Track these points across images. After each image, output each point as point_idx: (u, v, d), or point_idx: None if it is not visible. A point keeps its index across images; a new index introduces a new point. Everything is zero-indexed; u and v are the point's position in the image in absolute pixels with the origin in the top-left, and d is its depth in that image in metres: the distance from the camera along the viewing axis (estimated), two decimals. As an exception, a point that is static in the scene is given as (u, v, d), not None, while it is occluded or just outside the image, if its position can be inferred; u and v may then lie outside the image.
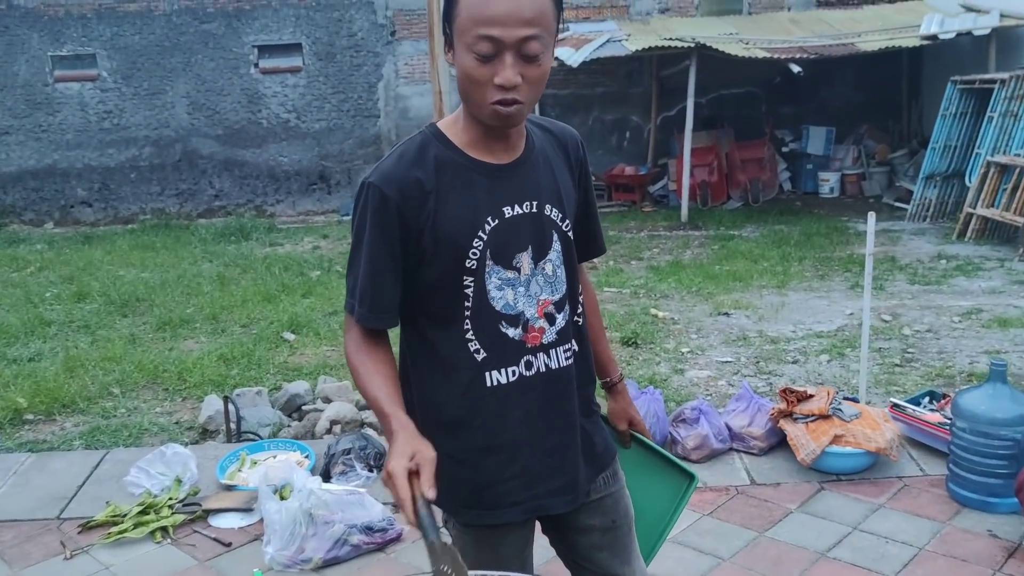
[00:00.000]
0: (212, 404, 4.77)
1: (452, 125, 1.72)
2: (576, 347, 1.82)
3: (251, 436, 4.38)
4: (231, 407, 4.37)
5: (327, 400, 4.84)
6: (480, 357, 1.71)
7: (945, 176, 9.98)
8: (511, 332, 1.72)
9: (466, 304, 1.69)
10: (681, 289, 7.40)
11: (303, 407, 4.87)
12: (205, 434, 4.74)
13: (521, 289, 1.72)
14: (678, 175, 11.04)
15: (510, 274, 1.71)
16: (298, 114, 12.48)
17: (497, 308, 1.70)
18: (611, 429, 2.05)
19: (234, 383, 5.41)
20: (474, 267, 1.68)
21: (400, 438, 1.54)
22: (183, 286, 8.13)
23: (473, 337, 1.71)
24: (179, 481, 3.65)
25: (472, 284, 1.68)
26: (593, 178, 8.80)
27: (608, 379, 2.06)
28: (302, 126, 12.52)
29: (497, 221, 1.69)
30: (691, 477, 2.04)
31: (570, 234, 1.80)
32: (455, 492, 1.75)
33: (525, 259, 1.72)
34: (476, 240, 1.67)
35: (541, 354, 1.75)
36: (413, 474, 1.49)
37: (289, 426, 4.66)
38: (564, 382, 1.79)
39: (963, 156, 9.85)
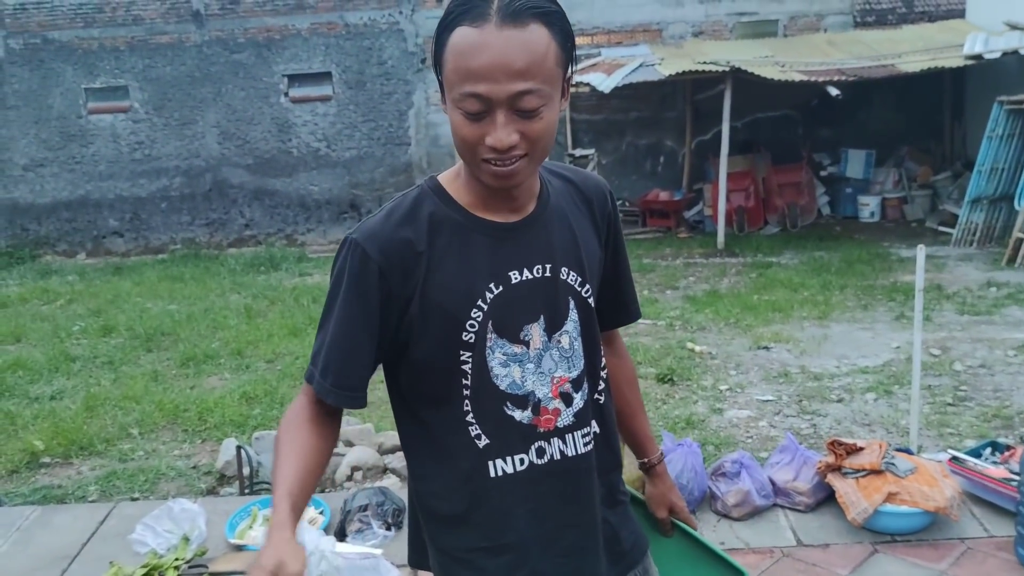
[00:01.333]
0: (230, 448, 4.61)
1: (454, 180, 1.51)
2: (597, 429, 1.59)
3: (267, 486, 4.19)
4: (245, 455, 4.19)
5: (349, 443, 4.65)
6: (482, 444, 1.49)
7: (992, 200, 9.63)
8: (518, 415, 1.49)
9: (464, 383, 1.47)
10: (719, 321, 7.14)
11: (324, 452, 4.69)
12: (223, 479, 4.58)
13: (531, 366, 1.50)
14: (714, 200, 10.79)
15: (517, 349, 1.49)
16: (328, 143, 12.42)
17: (502, 388, 1.48)
18: (649, 516, 1.81)
19: (255, 424, 5.26)
20: (472, 341, 1.46)
21: (270, 541, 1.31)
22: (209, 319, 8.03)
23: (474, 420, 1.48)
24: (186, 539, 3.46)
25: (471, 360, 1.47)
26: (627, 204, 8.50)
27: (646, 460, 1.82)
28: (332, 154, 12.45)
29: (501, 288, 1.47)
30: (740, 574, 1.78)
31: (591, 301, 1.57)
32: None
33: (536, 331, 1.50)
34: (475, 311, 1.45)
35: (556, 440, 1.52)
36: None
37: (309, 472, 4.48)
38: (583, 472, 1.55)
39: (1011, 179, 9.50)
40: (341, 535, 3.50)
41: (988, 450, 3.74)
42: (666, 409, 5.19)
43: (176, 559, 3.36)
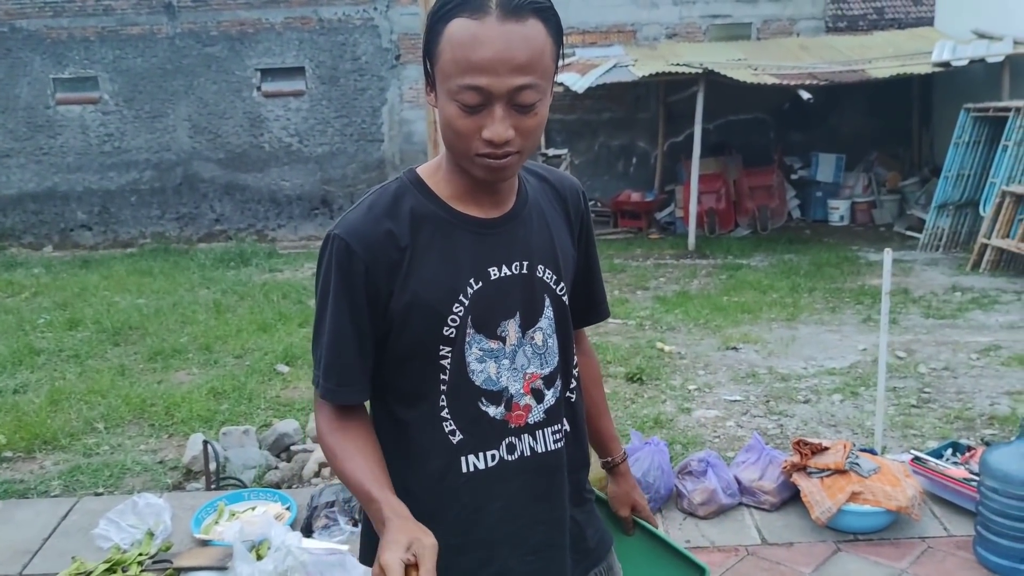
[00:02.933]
0: (197, 443, 4.57)
1: (434, 173, 1.50)
2: (568, 427, 1.59)
3: (233, 481, 4.16)
4: (212, 450, 4.15)
5: (316, 440, 4.63)
6: (456, 439, 1.48)
7: (958, 205, 9.76)
8: (492, 411, 1.49)
9: (442, 378, 1.47)
10: (688, 321, 7.18)
11: (291, 447, 4.66)
12: (189, 474, 4.54)
13: (505, 362, 1.50)
14: (685, 202, 10.85)
15: (494, 344, 1.48)
16: (300, 138, 12.34)
17: (477, 383, 1.48)
18: (612, 515, 1.82)
19: (223, 419, 5.21)
20: (452, 336, 1.45)
21: (393, 526, 1.30)
22: (178, 314, 7.94)
23: (449, 416, 1.48)
24: (151, 534, 3.43)
25: (450, 355, 1.46)
26: (599, 204, 8.54)
27: (610, 459, 1.82)
28: (304, 150, 12.37)
29: (481, 284, 1.46)
30: (701, 571, 1.79)
31: (565, 299, 1.57)
32: None
33: (512, 327, 1.50)
34: (456, 305, 1.45)
35: (526, 436, 1.52)
36: (411, 567, 1.25)
37: (276, 467, 4.45)
38: (552, 469, 1.55)
39: (976, 185, 9.64)
40: (307, 531, 3.48)
41: (949, 451, 3.79)
42: (634, 408, 5.22)
43: (140, 554, 3.32)
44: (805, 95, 9.75)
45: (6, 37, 12.00)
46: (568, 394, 1.60)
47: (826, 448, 3.57)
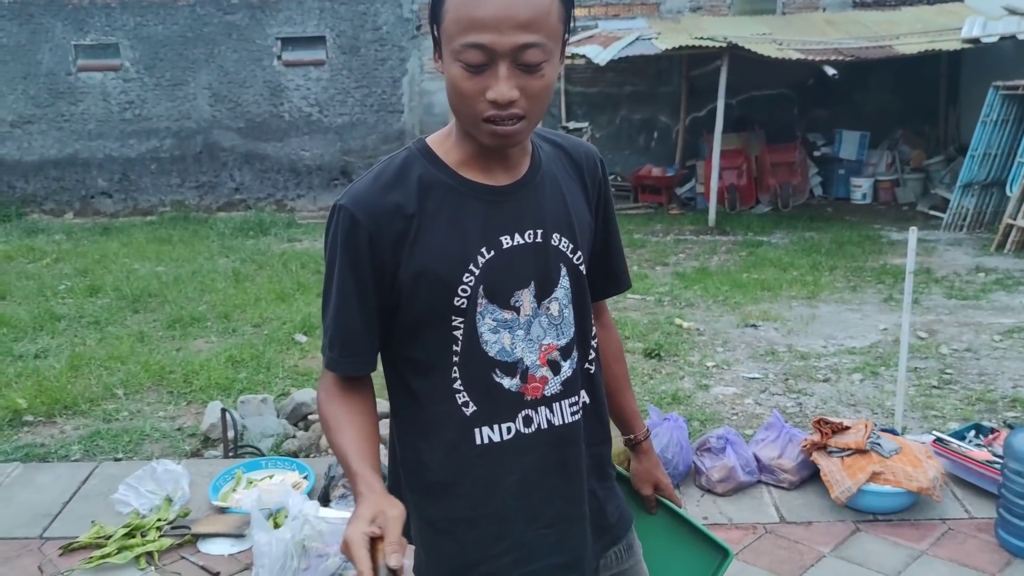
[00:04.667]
0: (215, 411, 4.58)
1: (443, 141, 1.47)
2: (587, 399, 1.56)
3: (251, 449, 4.18)
4: (230, 418, 4.16)
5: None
6: (469, 411, 1.46)
7: (984, 185, 9.62)
8: (507, 382, 1.47)
9: (454, 349, 1.45)
10: (707, 298, 7.14)
11: (309, 416, 4.67)
12: (207, 442, 4.56)
13: (520, 332, 1.47)
14: (706, 178, 10.76)
15: (507, 315, 1.46)
16: (320, 108, 12.29)
17: (491, 354, 1.45)
18: (634, 493, 1.79)
19: (241, 388, 5.23)
20: (464, 306, 1.43)
21: (362, 501, 1.31)
22: (197, 282, 7.97)
23: (462, 388, 1.46)
24: (169, 500, 3.45)
25: (462, 326, 1.44)
26: (619, 179, 8.45)
27: (632, 436, 1.79)
28: (324, 120, 12.33)
29: (493, 253, 1.44)
30: (725, 553, 1.76)
31: (582, 268, 1.54)
32: (438, 567, 1.52)
33: (526, 297, 1.47)
34: (467, 275, 1.42)
35: (543, 408, 1.49)
36: (377, 540, 1.24)
37: (294, 436, 4.47)
38: (569, 442, 1.53)
39: (1003, 165, 9.49)
40: (325, 500, 3.49)
41: (972, 433, 3.75)
42: (652, 384, 5.19)
43: (158, 520, 3.34)
44: (830, 71, 9.60)
45: (28, 3, 11.98)
46: (587, 365, 1.57)
47: (847, 427, 3.54)
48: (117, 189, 12.54)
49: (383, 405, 1.57)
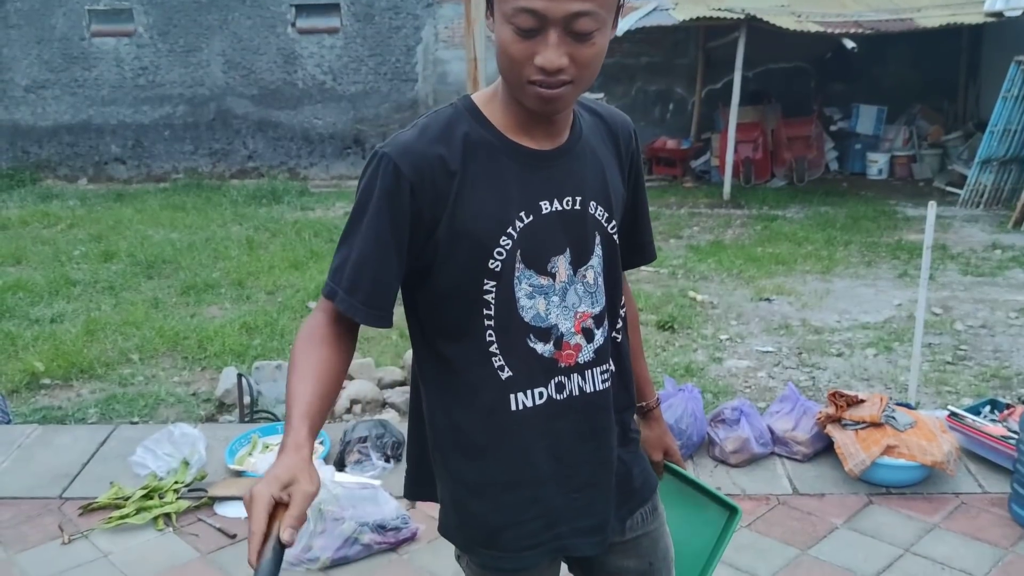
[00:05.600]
0: (230, 376, 4.63)
1: (489, 101, 1.46)
2: (614, 368, 1.57)
3: (266, 415, 4.21)
4: (246, 384, 4.19)
5: (349, 377, 4.66)
6: (505, 376, 1.46)
7: (1003, 161, 9.53)
8: (540, 348, 1.46)
9: (487, 313, 1.44)
10: (721, 271, 7.12)
11: (323, 383, 4.69)
12: (222, 407, 4.60)
13: (555, 299, 1.46)
14: (721, 151, 10.68)
15: (543, 280, 1.45)
16: (334, 76, 12.23)
17: (526, 319, 1.45)
18: None
19: (255, 354, 5.26)
20: (498, 269, 1.42)
21: (284, 459, 1.24)
22: (211, 249, 7.99)
23: (498, 352, 1.45)
24: (186, 463, 3.48)
25: (495, 291, 1.43)
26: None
27: (644, 404, 1.80)
28: (338, 88, 12.27)
29: (532, 217, 1.43)
30: (733, 511, 1.79)
31: (616, 238, 1.54)
32: (470, 528, 1.53)
33: (562, 264, 1.46)
34: (504, 239, 1.41)
35: (575, 375, 1.50)
36: (280, 506, 1.20)
37: (308, 403, 4.49)
38: (600, 409, 1.53)
39: (1023, 141, 9.39)
40: (340, 465, 3.52)
41: (987, 408, 3.74)
42: (665, 356, 5.20)
43: (176, 482, 3.38)
44: (849, 44, 9.49)
45: (42, -33, 11.93)
46: (615, 334, 1.58)
47: (862, 401, 3.53)
48: (131, 156, 12.54)
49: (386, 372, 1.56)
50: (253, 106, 12.33)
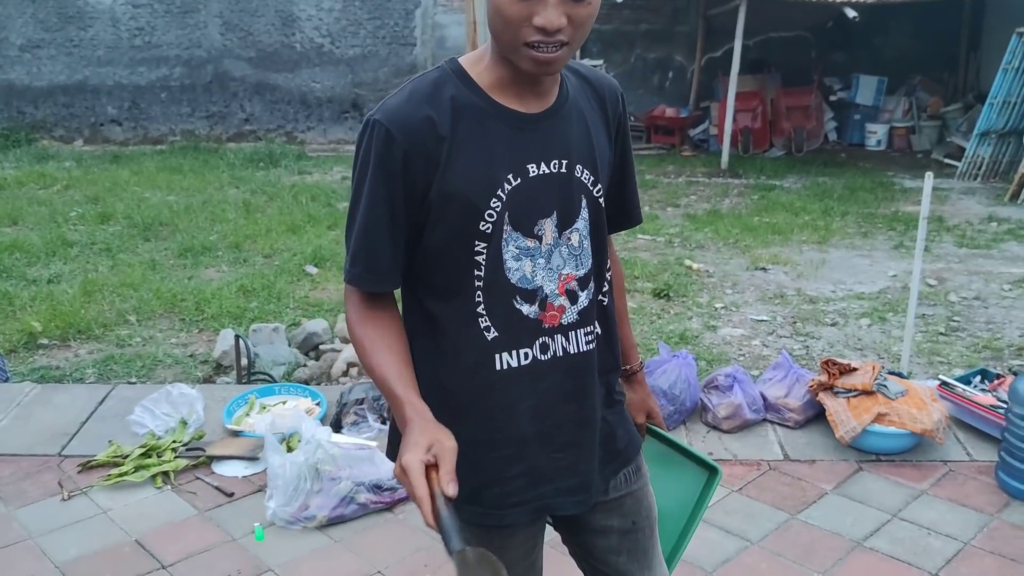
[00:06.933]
0: (227, 338, 4.64)
1: (476, 63, 1.47)
2: (599, 330, 1.59)
3: (263, 376, 4.24)
4: (244, 345, 4.21)
5: (345, 340, 4.68)
6: (491, 336, 1.48)
7: (1001, 134, 9.51)
8: (526, 309, 1.49)
9: (477, 274, 1.46)
10: (717, 240, 7.13)
11: (320, 346, 4.73)
12: (219, 369, 4.62)
13: (541, 261, 1.49)
14: (720, 120, 10.64)
15: (530, 243, 1.47)
16: (332, 39, 12.14)
17: (513, 281, 1.47)
18: None
19: (252, 316, 5.28)
20: (489, 231, 1.44)
21: (415, 426, 1.33)
22: (208, 212, 7.97)
23: (484, 312, 1.48)
24: (184, 423, 3.51)
25: (485, 252, 1.45)
26: (632, 119, 8.36)
27: (628, 367, 1.83)
28: (336, 51, 12.18)
29: (519, 180, 1.45)
30: (714, 471, 1.83)
31: (601, 201, 1.56)
32: None
33: (548, 226, 1.49)
34: (494, 200, 1.43)
35: (559, 336, 1.52)
36: (431, 467, 1.29)
37: (305, 365, 4.52)
38: (583, 370, 1.56)
39: (1022, 114, 9.37)
40: (337, 427, 3.55)
41: (978, 378, 3.79)
42: (660, 324, 5.23)
43: (174, 441, 3.41)
44: (851, 13, 9.43)
45: (36, -77, 11.77)
46: (601, 297, 1.60)
47: (854, 369, 3.57)
48: (127, 117, 12.45)
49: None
50: (250, 69, 12.24)
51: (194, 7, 12.01)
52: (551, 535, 1.73)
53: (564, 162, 1.49)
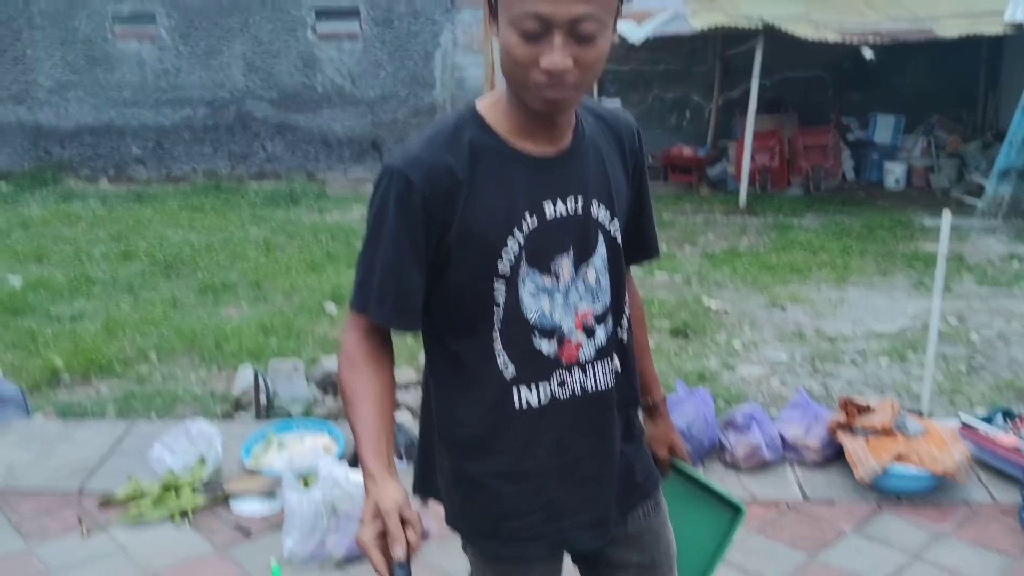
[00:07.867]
0: (246, 376, 4.67)
1: (492, 107, 1.50)
2: (618, 365, 1.61)
3: (282, 413, 4.25)
4: (262, 382, 4.24)
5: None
6: (509, 373, 1.51)
7: (1021, 172, 9.47)
8: (544, 346, 1.51)
9: (496, 313, 1.49)
10: (735, 278, 7.13)
11: (338, 384, 4.73)
12: (238, 406, 4.64)
13: (559, 298, 1.51)
14: (738, 159, 10.68)
15: (547, 280, 1.50)
16: (353, 80, 12.32)
17: (531, 319, 1.50)
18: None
19: (272, 354, 5.31)
20: (507, 271, 1.47)
21: (368, 497, 1.36)
22: (229, 250, 8.06)
23: (502, 350, 1.50)
24: (203, 460, 3.53)
25: (504, 290, 1.48)
26: (650, 159, 8.42)
27: (649, 399, 1.84)
28: (357, 93, 12.36)
29: (536, 219, 1.47)
30: (737, 510, 1.82)
31: (618, 238, 1.58)
32: (474, 519, 1.58)
33: (565, 264, 1.51)
34: (511, 240, 1.46)
35: (577, 372, 1.54)
36: (380, 536, 1.32)
37: (323, 402, 4.53)
38: (602, 405, 1.58)
39: (1042, 152, 9.34)
40: (354, 463, 3.55)
41: (1000, 417, 3.75)
42: (679, 362, 5.22)
43: (193, 478, 3.43)
44: (868, 53, 9.48)
45: (66, -30, 12.07)
46: (619, 332, 1.61)
47: (873, 408, 3.55)
48: (151, 157, 12.66)
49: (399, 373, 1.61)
50: (272, 109, 12.43)
51: (218, 49, 12.25)
52: (569, 569, 1.73)
53: (580, 199, 1.51)
